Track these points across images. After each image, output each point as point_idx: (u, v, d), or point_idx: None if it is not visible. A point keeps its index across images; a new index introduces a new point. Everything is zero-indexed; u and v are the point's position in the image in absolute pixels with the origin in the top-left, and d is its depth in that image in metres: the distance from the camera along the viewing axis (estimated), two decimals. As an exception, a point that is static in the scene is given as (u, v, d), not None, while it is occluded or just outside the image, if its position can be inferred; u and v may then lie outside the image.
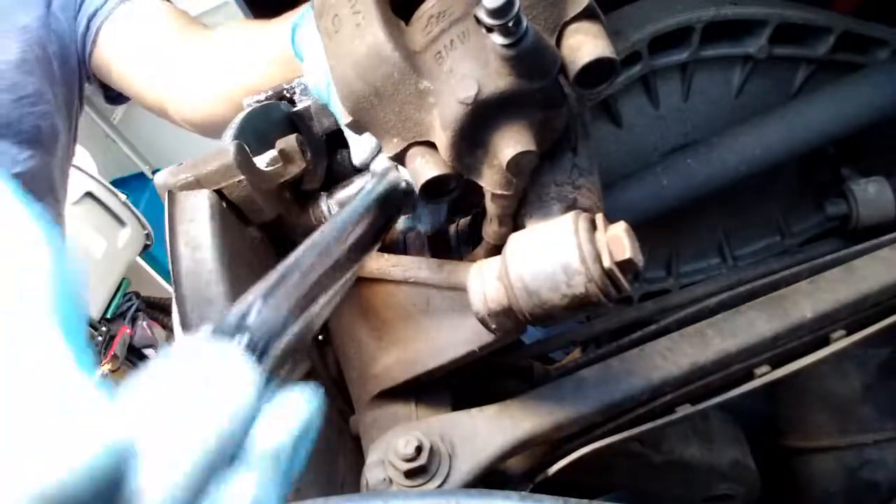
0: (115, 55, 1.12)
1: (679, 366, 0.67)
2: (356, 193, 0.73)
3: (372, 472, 0.61)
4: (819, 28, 0.89)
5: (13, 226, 0.25)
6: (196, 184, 0.65)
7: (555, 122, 0.60)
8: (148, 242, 3.29)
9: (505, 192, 0.60)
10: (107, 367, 3.03)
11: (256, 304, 0.35)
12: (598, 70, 0.55)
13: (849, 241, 0.92)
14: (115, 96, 1.24)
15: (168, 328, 3.56)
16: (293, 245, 0.74)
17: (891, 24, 0.91)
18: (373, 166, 0.73)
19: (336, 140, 0.79)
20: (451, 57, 0.56)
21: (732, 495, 0.97)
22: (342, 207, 0.73)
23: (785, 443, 1.06)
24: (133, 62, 1.12)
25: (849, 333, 0.71)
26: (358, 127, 0.61)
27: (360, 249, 0.51)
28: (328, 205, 0.74)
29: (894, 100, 0.87)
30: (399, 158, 0.61)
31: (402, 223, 0.74)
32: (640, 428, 0.67)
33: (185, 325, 0.60)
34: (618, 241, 0.52)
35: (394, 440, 0.61)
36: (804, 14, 0.88)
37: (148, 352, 3.37)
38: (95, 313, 3.07)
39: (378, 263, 0.72)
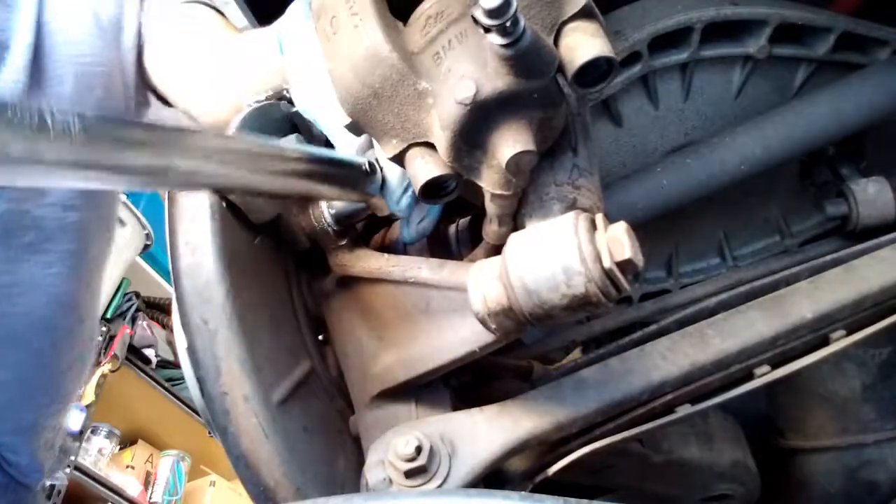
0: (158, 63, 1.17)
1: (679, 366, 0.67)
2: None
3: (372, 472, 0.61)
4: (819, 28, 0.89)
5: None
6: (196, 184, 0.65)
7: (554, 122, 0.60)
8: (148, 242, 3.29)
9: (504, 192, 0.60)
10: (107, 367, 3.03)
11: None
12: (596, 69, 0.55)
13: (849, 241, 0.92)
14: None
15: (168, 328, 3.56)
16: (293, 245, 0.74)
17: (891, 24, 0.91)
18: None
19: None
20: (449, 57, 0.56)
21: (732, 495, 0.97)
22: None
23: (785, 443, 1.06)
24: (171, 72, 1.16)
25: (849, 333, 0.71)
26: (357, 128, 0.61)
27: None
28: (328, 205, 0.74)
29: (894, 100, 0.87)
30: (398, 159, 0.61)
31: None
32: (640, 428, 0.67)
33: (186, 325, 0.60)
34: (618, 242, 0.52)
35: (394, 440, 0.61)
36: (804, 14, 0.88)
37: (148, 352, 3.37)
38: (96, 313, 3.07)
39: (378, 263, 0.72)
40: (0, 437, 1.07)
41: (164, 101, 1.27)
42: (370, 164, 0.68)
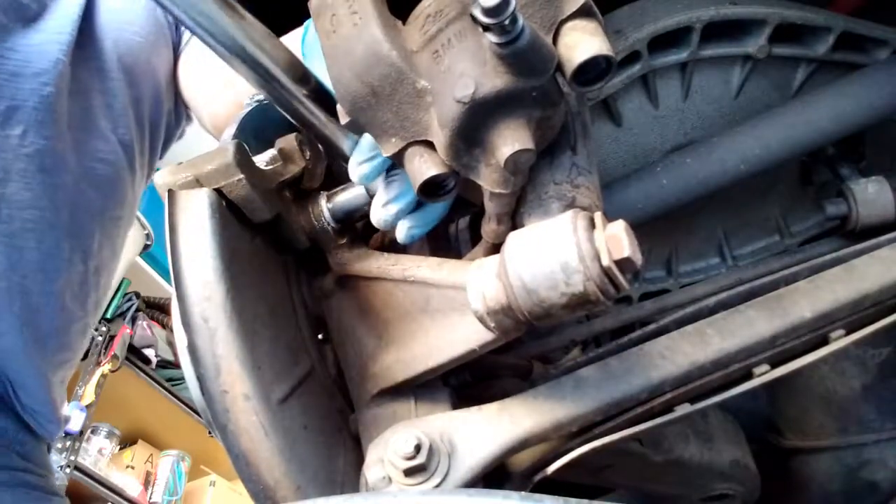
0: (184, 70, 1.24)
1: (678, 365, 0.67)
2: (356, 197, 0.73)
3: (371, 471, 0.61)
4: (819, 28, 0.89)
5: None
6: (196, 183, 0.66)
7: (552, 120, 0.61)
8: (148, 242, 3.29)
9: (503, 191, 0.60)
10: (107, 367, 3.03)
11: None
12: (594, 67, 0.55)
13: (849, 241, 0.92)
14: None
15: (168, 328, 3.56)
16: (292, 244, 0.74)
17: (891, 23, 0.91)
18: None
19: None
20: (448, 56, 0.57)
21: (732, 495, 0.97)
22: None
23: (785, 443, 1.06)
24: (192, 77, 1.23)
25: (848, 333, 0.71)
26: (356, 127, 0.61)
27: None
28: (328, 204, 0.74)
29: (894, 100, 0.87)
30: (397, 158, 0.61)
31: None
32: (640, 427, 0.67)
33: (186, 324, 0.60)
34: (616, 240, 0.52)
35: (393, 438, 0.61)
36: (804, 14, 0.88)
37: (148, 352, 3.37)
38: (96, 313, 3.07)
39: (378, 263, 0.72)
40: (15, 377, 1.02)
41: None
42: None
